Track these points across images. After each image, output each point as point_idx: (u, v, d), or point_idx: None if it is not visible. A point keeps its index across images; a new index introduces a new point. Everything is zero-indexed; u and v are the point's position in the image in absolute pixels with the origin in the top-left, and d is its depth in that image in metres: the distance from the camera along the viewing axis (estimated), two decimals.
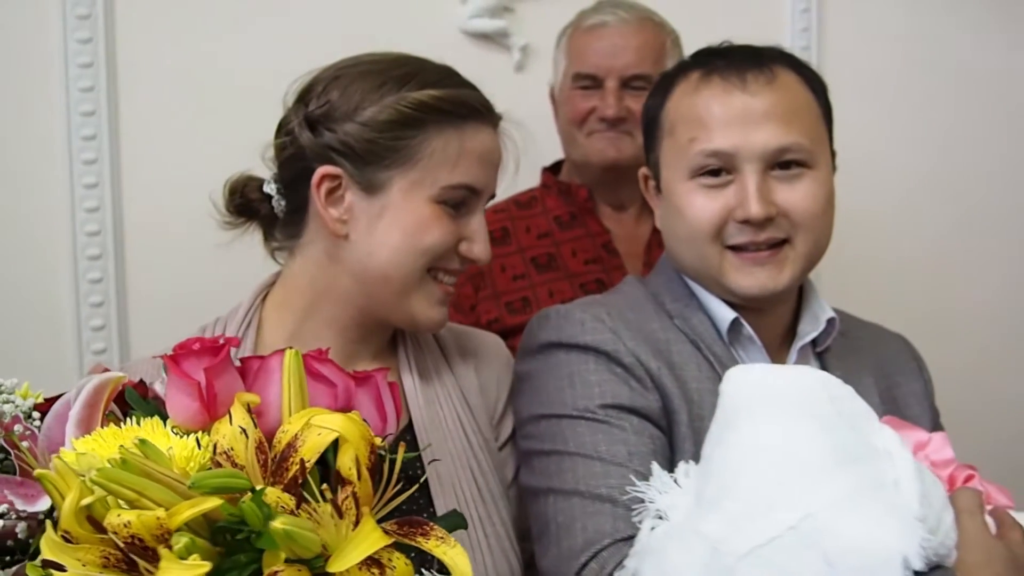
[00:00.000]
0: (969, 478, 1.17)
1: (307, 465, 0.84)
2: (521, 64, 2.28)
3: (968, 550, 1.03)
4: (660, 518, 1.09)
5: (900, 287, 1.89)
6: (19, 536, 0.85)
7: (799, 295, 1.42)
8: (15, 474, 0.92)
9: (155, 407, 0.99)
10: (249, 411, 0.90)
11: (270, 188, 1.33)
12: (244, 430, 0.89)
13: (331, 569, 0.78)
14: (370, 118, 1.24)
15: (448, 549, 0.87)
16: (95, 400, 0.95)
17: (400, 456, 0.89)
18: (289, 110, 1.32)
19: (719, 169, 1.30)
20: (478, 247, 1.30)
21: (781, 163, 1.30)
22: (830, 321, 1.38)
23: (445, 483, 1.28)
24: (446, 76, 1.30)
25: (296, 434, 0.88)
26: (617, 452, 1.21)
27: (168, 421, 0.95)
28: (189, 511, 0.75)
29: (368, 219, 1.26)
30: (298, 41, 2.18)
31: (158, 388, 1.01)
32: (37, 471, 0.79)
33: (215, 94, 2.16)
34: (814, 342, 1.40)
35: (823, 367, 1.38)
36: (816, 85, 1.37)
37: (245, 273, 2.08)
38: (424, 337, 1.41)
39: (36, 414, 0.97)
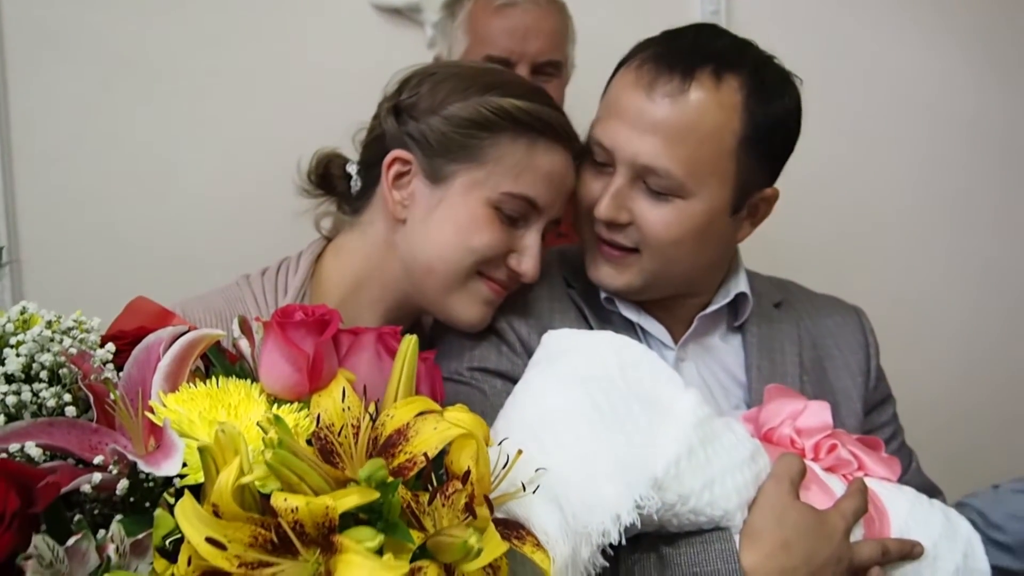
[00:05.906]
0: (833, 447, 1.22)
1: (429, 459, 0.84)
2: (434, 40, 2.23)
3: (758, 513, 1.08)
4: None
5: (804, 274, 1.95)
6: (117, 494, 0.80)
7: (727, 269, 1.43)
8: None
9: (235, 368, 0.96)
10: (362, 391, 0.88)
11: (352, 168, 1.36)
12: (349, 408, 0.88)
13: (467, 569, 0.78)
14: (452, 114, 1.26)
15: (542, 555, 0.89)
16: (186, 354, 0.90)
17: (516, 458, 0.90)
18: (386, 98, 1.34)
19: (603, 159, 1.30)
20: (527, 262, 1.30)
21: (648, 181, 1.27)
22: (740, 296, 1.41)
23: None
24: (533, 93, 1.31)
25: (408, 423, 0.88)
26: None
27: (256, 385, 0.92)
28: (354, 501, 0.73)
29: (426, 207, 1.28)
30: (202, 14, 2.12)
31: (243, 347, 0.97)
32: (198, 444, 0.75)
33: (112, 74, 2.05)
34: (736, 315, 1.42)
35: (742, 336, 1.42)
36: (759, 114, 1.29)
37: (150, 271, 1.97)
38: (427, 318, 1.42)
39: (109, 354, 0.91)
